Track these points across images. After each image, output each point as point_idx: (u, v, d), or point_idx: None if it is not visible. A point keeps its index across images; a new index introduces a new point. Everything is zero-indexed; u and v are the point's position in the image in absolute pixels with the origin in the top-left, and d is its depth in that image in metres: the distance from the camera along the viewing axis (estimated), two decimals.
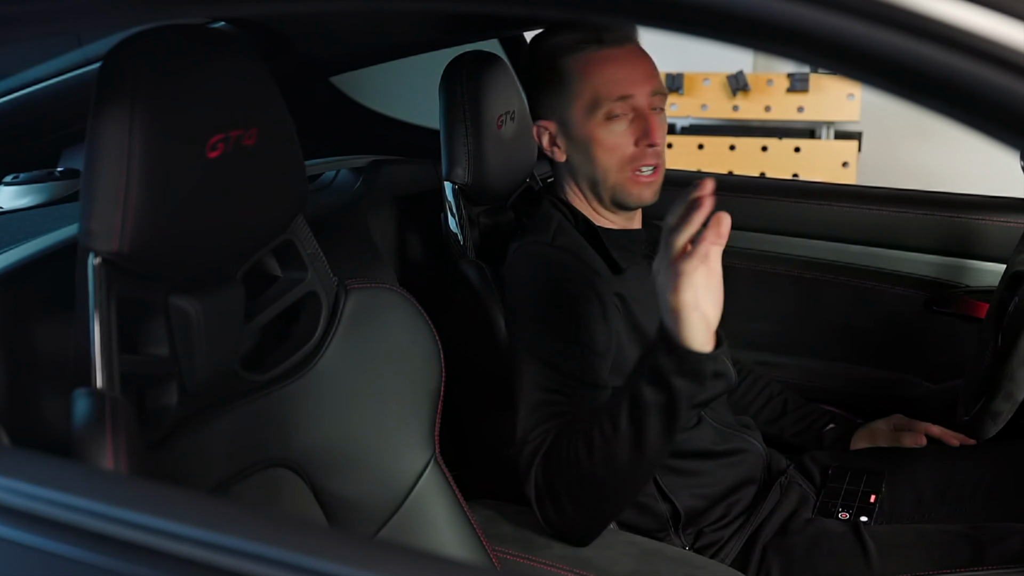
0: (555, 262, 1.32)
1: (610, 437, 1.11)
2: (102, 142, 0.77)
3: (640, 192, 1.38)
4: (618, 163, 1.36)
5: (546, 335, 1.27)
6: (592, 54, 1.35)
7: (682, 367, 1.05)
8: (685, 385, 1.06)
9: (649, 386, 1.08)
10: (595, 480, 1.15)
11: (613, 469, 1.13)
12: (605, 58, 1.35)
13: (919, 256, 1.82)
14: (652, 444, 1.11)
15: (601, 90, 1.34)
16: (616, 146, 1.35)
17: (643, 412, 1.09)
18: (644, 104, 1.35)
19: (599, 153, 1.36)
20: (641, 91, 1.34)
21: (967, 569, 1.26)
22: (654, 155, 1.36)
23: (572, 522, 1.20)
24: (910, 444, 1.54)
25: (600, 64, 1.35)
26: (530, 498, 1.21)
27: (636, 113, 1.35)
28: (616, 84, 1.34)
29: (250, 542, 0.63)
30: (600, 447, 1.12)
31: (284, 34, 1.47)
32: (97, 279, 0.79)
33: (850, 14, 0.52)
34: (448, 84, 1.51)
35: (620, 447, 1.11)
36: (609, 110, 1.34)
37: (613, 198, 1.39)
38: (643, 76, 1.35)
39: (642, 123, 1.34)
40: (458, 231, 1.51)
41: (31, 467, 0.73)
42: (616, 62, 1.35)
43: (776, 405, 1.67)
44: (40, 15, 0.75)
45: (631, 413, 1.10)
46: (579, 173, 1.41)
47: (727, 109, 4.25)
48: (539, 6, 0.70)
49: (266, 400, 0.99)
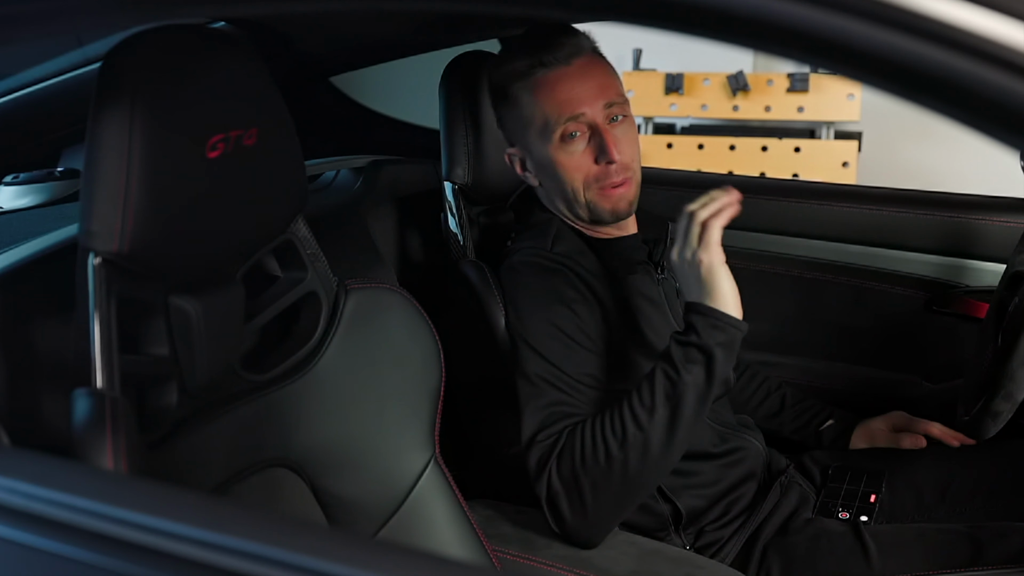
0: (555, 269, 1.32)
1: (646, 424, 1.17)
2: (102, 142, 0.77)
3: (614, 206, 1.35)
4: (583, 183, 1.34)
5: (549, 339, 1.27)
6: (538, 78, 1.32)
7: (718, 336, 1.18)
8: (722, 354, 1.18)
9: (688, 363, 1.17)
10: (625, 472, 1.17)
11: (646, 457, 1.18)
12: (551, 80, 1.32)
13: (919, 256, 1.81)
14: (686, 425, 1.18)
15: (551, 113, 1.31)
16: (578, 166, 1.33)
17: (681, 391, 1.17)
18: (599, 119, 1.31)
19: (563, 175, 1.34)
20: (591, 107, 1.31)
21: (967, 569, 1.26)
22: (618, 170, 1.32)
23: (587, 521, 1.21)
24: (908, 446, 1.55)
25: (546, 87, 1.32)
26: (540, 498, 1.22)
27: (592, 130, 1.32)
28: (564, 105, 1.31)
29: (250, 542, 0.62)
30: (634, 437, 1.16)
31: (284, 34, 1.47)
32: (97, 279, 0.79)
33: (850, 14, 0.52)
34: (448, 84, 1.51)
35: (655, 433, 1.17)
36: (563, 131, 1.31)
37: (591, 216, 1.38)
38: (592, 91, 1.31)
39: (598, 139, 1.31)
40: (458, 231, 1.51)
41: (31, 467, 0.73)
42: (562, 82, 1.31)
43: (774, 401, 1.67)
44: (40, 15, 0.75)
45: (668, 395, 1.17)
46: (554, 196, 1.40)
47: (727, 109, 4.25)
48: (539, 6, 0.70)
49: (266, 400, 0.99)
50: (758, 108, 4.21)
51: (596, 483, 1.18)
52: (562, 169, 1.34)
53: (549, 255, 1.34)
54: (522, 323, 1.30)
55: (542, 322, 1.28)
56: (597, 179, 1.34)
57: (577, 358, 1.26)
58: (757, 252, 1.91)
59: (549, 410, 1.23)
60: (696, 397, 1.18)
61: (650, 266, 1.44)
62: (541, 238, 1.38)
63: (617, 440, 1.17)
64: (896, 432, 1.58)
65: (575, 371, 1.25)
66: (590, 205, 1.36)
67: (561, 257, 1.34)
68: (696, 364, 1.18)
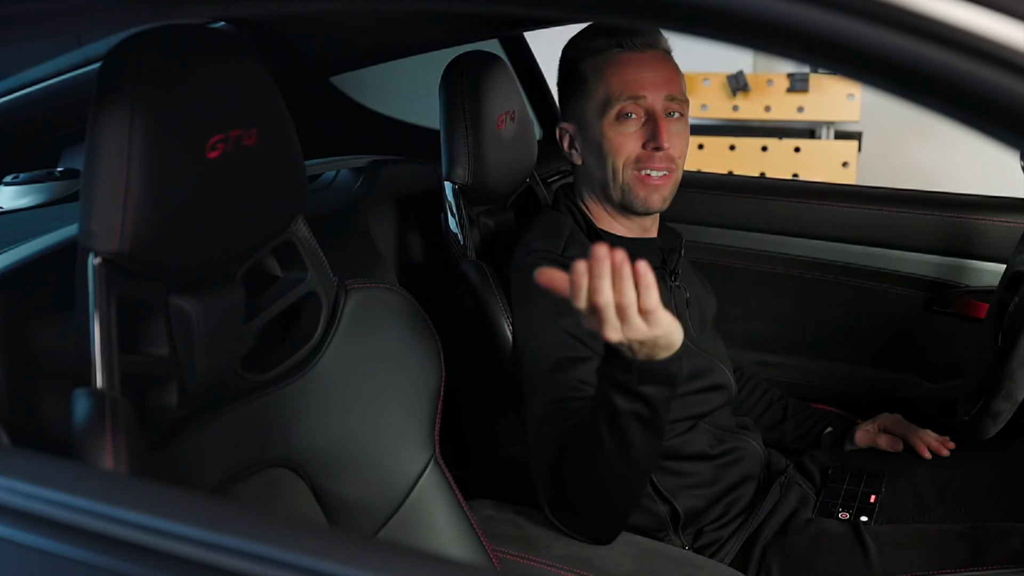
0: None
1: (596, 449, 1.13)
2: (102, 142, 0.77)
3: (647, 195, 1.37)
4: (625, 163, 1.36)
5: (558, 344, 1.27)
6: (611, 57, 1.37)
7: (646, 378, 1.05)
8: (656, 390, 1.07)
9: (620, 395, 1.08)
10: (599, 486, 1.17)
11: (608, 476, 1.15)
12: (623, 60, 1.36)
13: (919, 256, 1.82)
14: (638, 448, 1.11)
15: (614, 89, 1.35)
16: (623, 145, 1.36)
17: (622, 421, 1.09)
18: (657, 107, 1.35)
19: (608, 151, 1.36)
20: (654, 94, 1.35)
21: (967, 569, 1.26)
22: (663, 159, 1.35)
23: (589, 526, 1.23)
24: (883, 446, 1.55)
25: (616, 65, 1.36)
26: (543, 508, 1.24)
27: (648, 116, 1.35)
28: (628, 84, 1.35)
29: (250, 542, 0.62)
30: (594, 457, 1.14)
31: (284, 34, 1.47)
32: (97, 279, 0.79)
33: (850, 14, 0.52)
34: (448, 84, 1.51)
35: (610, 456, 1.12)
36: (620, 109, 1.35)
37: (622, 201, 1.39)
38: (658, 79, 1.35)
39: (652, 126, 1.34)
40: (458, 231, 1.51)
41: (31, 467, 0.73)
42: (632, 64, 1.36)
43: (776, 411, 1.67)
44: (40, 15, 0.75)
45: (610, 424, 1.10)
46: (593, 176, 1.41)
47: (727, 109, 4.25)
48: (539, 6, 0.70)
49: (266, 400, 0.99)
50: (758, 108, 4.21)
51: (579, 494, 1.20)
52: (609, 145, 1.36)
53: (560, 258, 1.34)
54: (530, 326, 1.30)
55: (551, 325, 1.28)
56: (639, 161, 1.36)
57: (583, 363, 1.26)
58: (757, 252, 1.91)
59: (552, 421, 1.23)
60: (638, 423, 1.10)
61: (664, 272, 1.44)
62: (553, 240, 1.38)
63: (580, 459, 1.16)
64: (884, 433, 1.57)
65: (581, 375, 1.25)
66: (625, 188, 1.37)
67: (572, 261, 1.34)
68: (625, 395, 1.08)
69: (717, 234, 1.95)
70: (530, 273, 1.35)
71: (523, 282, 1.35)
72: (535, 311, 1.31)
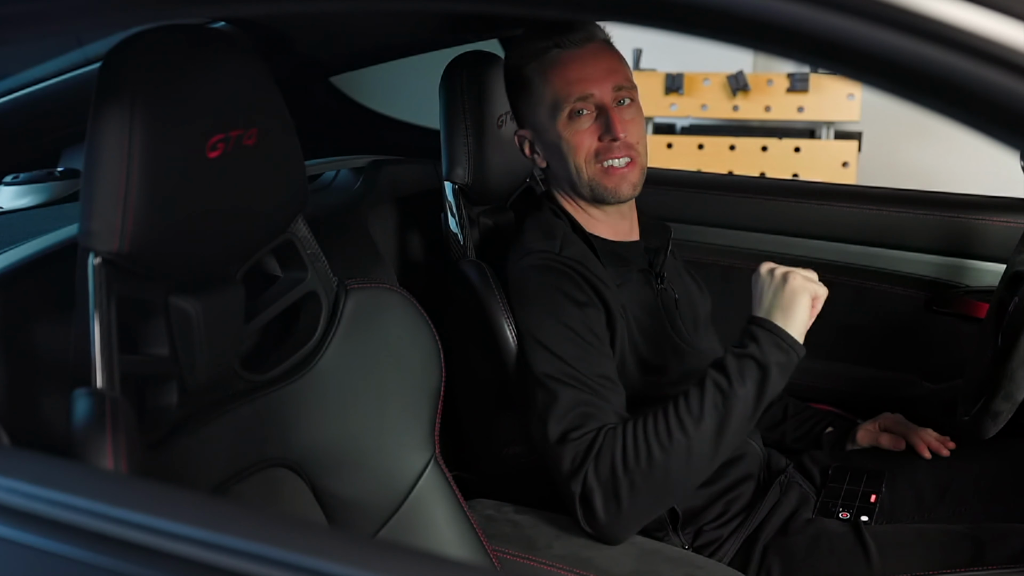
0: (565, 272, 1.33)
1: (692, 432, 1.18)
2: (102, 142, 0.77)
3: (616, 186, 1.38)
4: (586, 159, 1.37)
5: (564, 340, 1.27)
6: (551, 58, 1.37)
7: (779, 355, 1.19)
8: (778, 374, 1.19)
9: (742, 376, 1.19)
10: (666, 476, 1.19)
11: (689, 464, 1.19)
12: (564, 60, 1.36)
13: (919, 256, 1.81)
14: (732, 437, 1.20)
15: (560, 91, 1.36)
16: (581, 142, 1.36)
17: (731, 403, 1.18)
18: (607, 99, 1.35)
19: (568, 152, 1.37)
20: (601, 88, 1.35)
21: (967, 569, 1.26)
22: (621, 148, 1.36)
23: (620, 520, 1.21)
24: (887, 445, 1.55)
25: (558, 66, 1.36)
26: (574, 496, 1.21)
27: (599, 109, 1.36)
28: (573, 84, 1.35)
29: (250, 542, 0.62)
30: (678, 443, 1.18)
31: (284, 34, 1.47)
32: (97, 279, 0.79)
33: (850, 14, 0.52)
34: (448, 84, 1.51)
35: (700, 441, 1.18)
36: (571, 109, 1.35)
37: (593, 195, 1.40)
38: (602, 72, 1.36)
39: (604, 118, 1.35)
40: (458, 231, 1.51)
41: (31, 467, 0.73)
42: (575, 62, 1.36)
43: (776, 411, 1.67)
44: (40, 15, 0.75)
45: (717, 405, 1.18)
46: (559, 176, 1.42)
47: (727, 109, 4.25)
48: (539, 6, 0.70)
49: (266, 400, 0.99)
50: (758, 108, 4.21)
51: (635, 484, 1.19)
52: (567, 145, 1.37)
53: (558, 258, 1.34)
54: (536, 325, 1.30)
55: (557, 324, 1.28)
56: (599, 154, 1.36)
57: (591, 359, 1.27)
58: (757, 252, 1.91)
59: (577, 410, 1.23)
60: (744, 411, 1.19)
61: (650, 275, 1.45)
62: (549, 241, 1.38)
63: (661, 445, 1.18)
64: (885, 432, 1.58)
65: (591, 371, 1.26)
66: (592, 183, 1.38)
67: (570, 260, 1.34)
68: (750, 379, 1.19)
69: (717, 234, 1.95)
70: (530, 273, 1.35)
71: (523, 282, 1.35)
72: (538, 309, 1.31)
